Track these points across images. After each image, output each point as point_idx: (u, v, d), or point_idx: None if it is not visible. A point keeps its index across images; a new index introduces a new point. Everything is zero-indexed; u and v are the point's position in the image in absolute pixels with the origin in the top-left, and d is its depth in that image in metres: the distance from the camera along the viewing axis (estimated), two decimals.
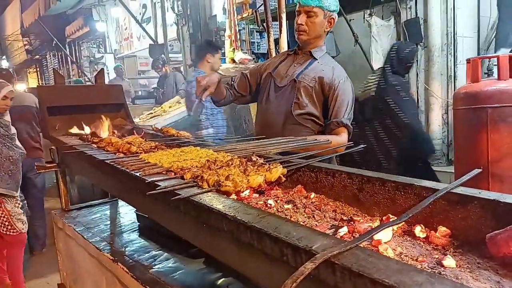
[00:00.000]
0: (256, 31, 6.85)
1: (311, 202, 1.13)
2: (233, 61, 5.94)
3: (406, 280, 0.52)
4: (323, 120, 2.01)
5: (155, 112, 5.57)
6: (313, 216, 1.02)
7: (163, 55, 7.42)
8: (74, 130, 2.27)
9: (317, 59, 2.02)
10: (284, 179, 1.17)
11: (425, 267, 0.72)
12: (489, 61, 2.98)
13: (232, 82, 2.25)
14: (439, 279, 0.52)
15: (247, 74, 2.25)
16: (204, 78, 1.93)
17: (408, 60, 3.66)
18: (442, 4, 4.51)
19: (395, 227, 0.89)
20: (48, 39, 13.59)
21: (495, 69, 2.83)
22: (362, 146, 1.45)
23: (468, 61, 2.95)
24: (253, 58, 6.25)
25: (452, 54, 4.62)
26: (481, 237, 0.77)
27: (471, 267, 0.73)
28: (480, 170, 1.01)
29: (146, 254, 1.64)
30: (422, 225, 0.88)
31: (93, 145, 1.87)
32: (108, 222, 2.18)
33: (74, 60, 14.03)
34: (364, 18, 5.00)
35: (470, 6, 4.72)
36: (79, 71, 13.56)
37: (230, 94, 2.22)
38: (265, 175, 1.11)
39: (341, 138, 1.89)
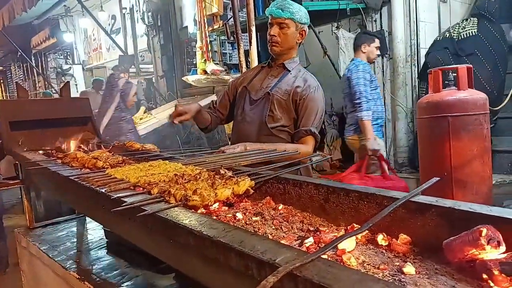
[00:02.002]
0: (228, 42, 6.91)
1: (279, 214, 1.14)
2: (205, 72, 5.95)
3: None
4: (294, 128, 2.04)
5: None
6: (281, 228, 1.03)
7: (125, 65, 7.18)
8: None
9: (290, 71, 2.04)
10: (252, 191, 1.18)
11: (386, 275, 0.75)
12: (449, 72, 3.13)
13: (215, 105, 2.27)
14: (396, 287, 0.54)
15: (227, 92, 2.26)
16: (183, 105, 1.98)
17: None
18: (405, 17, 4.72)
19: (359, 236, 0.92)
20: (12, 50, 13.16)
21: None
22: (328, 156, 1.48)
23: (429, 72, 3.08)
24: (225, 69, 6.28)
25: (416, 65, 4.82)
26: (439, 243, 0.80)
27: (429, 273, 0.75)
28: (438, 178, 1.05)
29: (115, 272, 1.60)
30: (384, 233, 0.91)
31: (58, 160, 1.82)
32: (75, 240, 2.12)
33: (40, 71, 13.62)
34: (332, 30, 5.14)
35: (432, 19, 4.96)
36: (46, 82, 13.17)
37: (215, 118, 2.24)
38: (233, 188, 1.12)
39: (307, 148, 1.92)
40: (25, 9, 8.79)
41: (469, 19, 4.60)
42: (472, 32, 4.44)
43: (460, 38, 4.48)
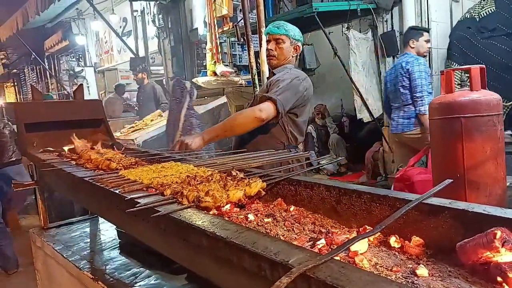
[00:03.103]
0: (238, 44, 6.93)
1: (291, 215, 1.14)
2: (215, 73, 5.97)
3: None
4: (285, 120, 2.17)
5: (136, 125, 5.53)
6: (293, 229, 1.03)
7: (144, 65, 7.32)
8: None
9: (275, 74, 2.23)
10: (263, 193, 1.18)
11: (399, 277, 0.75)
12: (462, 73, 3.09)
13: None
14: None
15: None
16: (189, 140, 1.99)
17: None
18: (417, 17, 4.67)
19: (371, 238, 0.92)
20: (26, 53, 13.39)
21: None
22: (339, 158, 1.48)
23: (442, 72, 3.05)
24: (235, 71, 6.30)
25: (428, 65, 4.76)
26: (452, 246, 0.79)
27: (443, 276, 0.75)
28: (451, 180, 1.05)
29: (127, 272, 1.62)
30: (397, 235, 0.91)
31: (72, 161, 1.85)
32: (88, 240, 2.15)
33: (53, 73, 13.83)
34: (342, 31, 5.12)
35: (444, 19, 4.91)
36: (58, 85, 13.37)
37: None
38: (245, 190, 1.13)
39: (254, 108, 2.00)
40: (38, 12, 8.95)
41: None
42: (491, 9, 4.56)
43: (480, 17, 4.58)
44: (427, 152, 3.35)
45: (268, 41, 2.25)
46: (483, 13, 4.60)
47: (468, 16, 4.73)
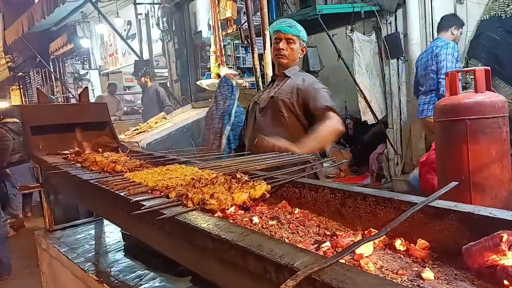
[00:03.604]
0: (242, 46, 6.94)
1: (295, 218, 1.14)
2: (219, 76, 5.98)
3: None
4: (308, 124, 2.11)
5: (140, 128, 5.54)
6: (297, 232, 1.03)
7: (146, 68, 7.35)
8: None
9: (289, 77, 2.23)
10: (268, 195, 1.18)
11: (404, 280, 0.74)
12: (466, 74, 3.09)
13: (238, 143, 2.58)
14: None
15: (244, 125, 2.46)
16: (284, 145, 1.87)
17: None
18: (420, 19, 4.66)
19: (376, 241, 0.92)
20: (31, 56, 13.48)
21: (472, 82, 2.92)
22: (344, 161, 1.48)
23: (446, 74, 3.04)
24: (239, 73, 6.31)
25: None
26: (458, 248, 0.79)
27: (449, 279, 0.75)
28: (457, 183, 1.04)
29: (132, 274, 1.62)
30: (402, 238, 0.91)
31: (77, 164, 1.86)
32: (93, 242, 2.16)
33: (58, 76, 13.92)
34: (346, 33, 5.12)
35: None
36: (63, 87, 13.45)
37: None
38: (250, 192, 1.13)
39: (331, 121, 1.98)
40: (44, 16, 9.03)
41: None
42: None
43: (507, 16, 4.48)
44: None
45: (277, 40, 2.21)
46: (510, 12, 4.44)
47: (495, 14, 4.58)
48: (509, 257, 0.69)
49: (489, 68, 2.95)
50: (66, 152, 2.19)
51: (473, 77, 2.85)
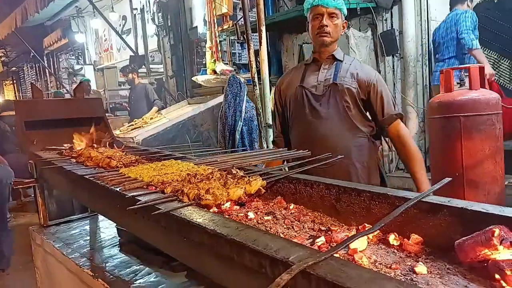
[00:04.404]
0: (237, 42, 6.93)
1: (291, 213, 1.15)
2: (215, 72, 5.97)
3: None
4: (371, 119, 1.97)
5: (136, 123, 5.52)
6: (292, 227, 1.04)
7: (134, 65, 7.27)
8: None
9: (342, 61, 1.97)
10: (263, 191, 1.19)
11: (398, 274, 0.75)
12: (461, 72, 3.10)
13: (276, 136, 2.21)
14: (408, 286, 0.55)
15: (277, 106, 2.16)
16: None
17: None
18: (416, 16, 4.67)
19: (370, 236, 0.93)
20: (25, 50, 13.37)
21: (467, 79, 2.94)
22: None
23: (441, 71, 3.05)
24: (235, 69, 6.30)
25: (427, 64, 4.77)
26: (451, 243, 0.80)
27: (441, 273, 0.76)
28: (450, 179, 1.05)
29: (127, 269, 1.62)
30: (396, 233, 0.92)
31: (72, 159, 1.86)
32: (88, 237, 2.15)
33: (52, 71, 13.82)
34: None
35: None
36: (58, 83, 13.36)
37: (285, 143, 2.13)
38: (245, 188, 1.13)
39: (410, 139, 1.97)
40: (38, 10, 8.95)
41: None
42: None
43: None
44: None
45: (318, 15, 1.90)
46: None
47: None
48: (501, 251, 0.70)
49: (483, 65, 2.97)
50: (61, 147, 2.18)
51: (467, 74, 2.86)
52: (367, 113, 1.96)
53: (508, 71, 4.65)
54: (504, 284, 0.68)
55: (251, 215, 1.10)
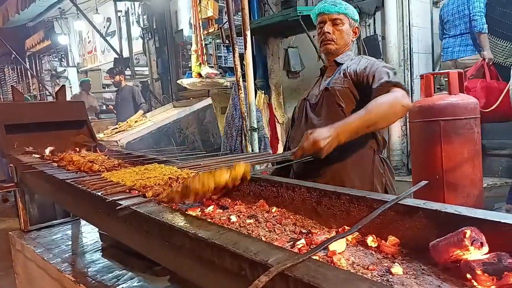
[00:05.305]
0: (223, 46, 6.93)
1: (273, 216, 1.16)
2: (200, 75, 5.96)
3: None
4: None
5: (120, 127, 5.47)
6: (274, 230, 1.05)
7: (121, 67, 7.20)
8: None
9: (343, 64, 1.85)
10: (249, 177, 1.19)
11: (374, 275, 0.77)
12: (441, 77, 3.18)
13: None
14: (381, 286, 0.57)
15: (289, 128, 2.06)
16: (320, 136, 1.40)
17: None
18: (398, 22, 4.77)
19: (349, 238, 0.95)
20: (6, 52, 13.07)
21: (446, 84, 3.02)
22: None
23: (421, 76, 3.13)
24: (220, 73, 6.30)
25: (409, 69, 4.87)
26: (426, 245, 0.83)
27: (416, 274, 0.78)
28: (427, 182, 1.08)
29: (110, 274, 1.61)
30: (374, 235, 0.94)
31: (54, 163, 1.83)
32: (70, 242, 2.13)
33: (35, 74, 13.56)
34: None
35: (424, 24, 5.02)
36: (40, 85, 13.12)
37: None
38: (230, 172, 1.14)
39: (392, 93, 1.51)
40: (18, 11, 8.79)
41: None
42: None
43: None
44: (483, 63, 3.96)
45: (321, 23, 1.84)
46: None
47: None
48: (472, 252, 0.73)
49: (462, 71, 3.05)
50: (42, 151, 2.15)
51: (447, 79, 2.94)
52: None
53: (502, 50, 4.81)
54: (475, 284, 0.70)
55: (233, 218, 1.11)
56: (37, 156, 2.13)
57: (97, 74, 11.16)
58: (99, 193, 1.19)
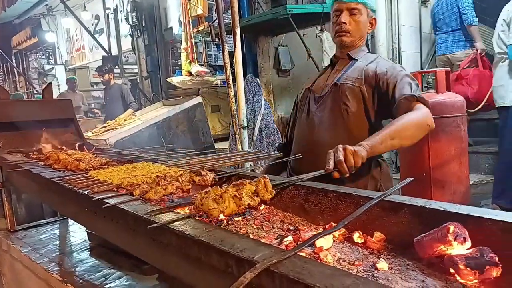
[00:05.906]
0: (213, 44, 6.91)
1: (261, 214, 1.17)
2: (190, 73, 5.93)
3: (336, 283, 0.57)
4: (379, 125, 1.65)
5: (109, 125, 5.42)
6: (262, 227, 1.06)
7: (110, 65, 7.13)
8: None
9: (357, 60, 1.73)
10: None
11: (360, 271, 0.78)
12: (428, 75, 3.22)
13: (285, 141, 1.96)
14: (365, 281, 0.57)
15: (291, 117, 1.97)
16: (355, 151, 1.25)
17: None
18: (387, 21, 4.81)
19: (336, 234, 0.95)
20: None
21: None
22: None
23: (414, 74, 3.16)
24: (210, 71, 6.28)
25: None
26: (411, 240, 0.84)
27: (401, 269, 0.79)
28: (412, 178, 1.10)
29: (98, 273, 1.60)
30: (360, 231, 0.95)
31: (40, 162, 1.81)
32: (58, 242, 2.10)
33: (21, 71, 13.36)
34: (316, 33, 5.20)
35: (413, 23, 5.07)
36: (27, 83, 12.92)
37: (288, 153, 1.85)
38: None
39: (417, 112, 1.46)
40: (5, 7, 8.65)
41: None
42: None
43: None
44: (476, 54, 4.12)
45: (338, 12, 1.70)
46: None
47: None
48: (455, 247, 0.74)
49: (449, 69, 3.09)
50: (29, 150, 2.12)
51: (434, 77, 2.97)
52: (377, 117, 1.65)
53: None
54: (458, 278, 0.72)
55: (221, 216, 1.11)
56: (23, 154, 2.10)
57: (85, 72, 11.04)
58: (86, 192, 1.18)
